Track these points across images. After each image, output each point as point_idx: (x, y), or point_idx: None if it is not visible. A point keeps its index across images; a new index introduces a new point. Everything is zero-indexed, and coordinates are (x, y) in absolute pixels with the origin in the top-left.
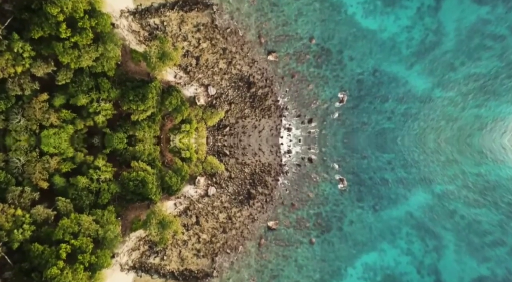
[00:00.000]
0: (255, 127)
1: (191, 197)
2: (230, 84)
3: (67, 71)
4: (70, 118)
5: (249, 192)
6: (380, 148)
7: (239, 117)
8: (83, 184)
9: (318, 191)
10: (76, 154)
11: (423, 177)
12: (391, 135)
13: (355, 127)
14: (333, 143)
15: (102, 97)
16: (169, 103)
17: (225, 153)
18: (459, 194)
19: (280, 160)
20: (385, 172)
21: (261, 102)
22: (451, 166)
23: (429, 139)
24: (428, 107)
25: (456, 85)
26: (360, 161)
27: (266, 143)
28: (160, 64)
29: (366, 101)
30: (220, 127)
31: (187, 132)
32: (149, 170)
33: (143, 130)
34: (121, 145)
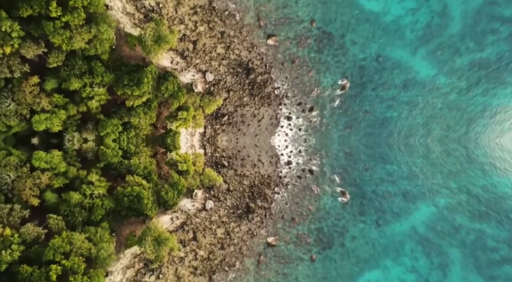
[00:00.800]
0: (254, 116)
1: (188, 211)
2: (229, 70)
3: (59, 53)
4: (62, 103)
5: (248, 205)
6: (382, 151)
7: (238, 106)
8: (76, 199)
9: (319, 204)
10: (68, 168)
11: (427, 190)
12: (391, 131)
13: (357, 116)
14: (334, 136)
15: (95, 82)
16: (165, 88)
17: (223, 164)
18: (465, 208)
19: (280, 171)
20: (388, 184)
21: (261, 90)
22: (456, 177)
23: (435, 136)
24: (432, 95)
25: (461, 72)
26: (362, 173)
27: (265, 154)
28: (155, 48)
29: (368, 88)
30: (219, 116)
31: (184, 119)
32: (144, 184)
33: (138, 116)
34: (115, 158)
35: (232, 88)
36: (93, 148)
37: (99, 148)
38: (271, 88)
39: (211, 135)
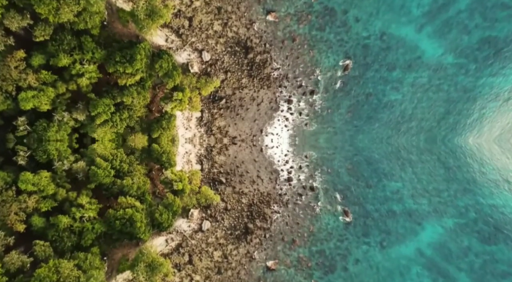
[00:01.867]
0: (253, 100)
1: (183, 232)
2: (226, 49)
3: (46, 26)
4: (50, 80)
5: (246, 226)
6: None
7: (236, 88)
8: (65, 224)
9: (321, 225)
10: (57, 190)
11: (434, 209)
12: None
13: (360, 99)
14: (336, 119)
15: (85, 58)
16: (159, 67)
17: (221, 181)
18: (473, 229)
19: (280, 189)
20: (392, 203)
21: (260, 71)
22: (464, 195)
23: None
24: (439, 76)
25: (469, 51)
26: (365, 190)
27: (265, 169)
28: (148, 22)
29: (372, 69)
30: (216, 99)
31: (179, 101)
32: (137, 206)
33: (131, 96)
34: (107, 179)
35: (230, 69)
36: (84, 168)
37: (90, 168)
38: (271, 69)
39: (208, 121)
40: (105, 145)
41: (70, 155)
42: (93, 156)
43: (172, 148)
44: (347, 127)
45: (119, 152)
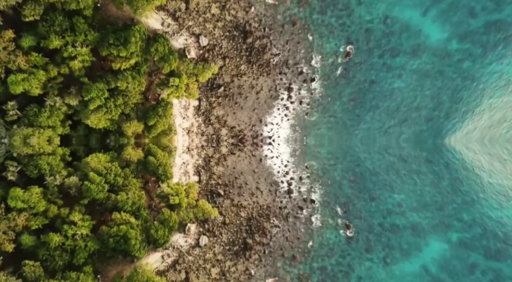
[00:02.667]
0: (252, 88)
1: (180, 247)
2: (224, 33)
3: (36, 5)
4: (41, 63)
5: (245, 241)
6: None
7: (234, 76)
8: (56, 242)
9: (322, 239)
10: (49, 207)
11: (438, 222)
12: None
13: (362, 87)
14: (338, 102)
15: (78, 41)
16: (155, 50)
17: (219, 193)
18: (480, 244)
19: (280, 201)
20: (396, 216)
21: (259, 56)
22: (470, 208)
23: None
24: (443, 63)
25: (476, 35)
26: (367, 203)
27: (264, 181)
28: (143, 3)
29: (374, 55)
30: (214, 87)
31: (176, 87)
32: (132, 222)
33: (126, 80)
34: (101, 194)
35: (228, 54)
36: (77, 183)
37: (83, 183)
38: (270, 55)
39: (206, 109)
40: (99, 158)
41: (63, 169)
42: (87, 170)
43: (169, 160)
44: (348, 116)
45: (113, 165)
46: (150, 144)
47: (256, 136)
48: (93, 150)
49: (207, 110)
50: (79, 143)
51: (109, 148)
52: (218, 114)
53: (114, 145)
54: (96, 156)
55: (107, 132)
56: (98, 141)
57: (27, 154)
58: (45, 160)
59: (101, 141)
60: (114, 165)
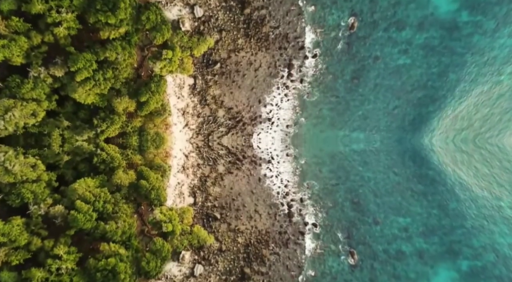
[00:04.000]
0: (251, 64)
1: (174, 277)
2: (221, 4)
3: None
4: (23, 29)
5: (242, 270)
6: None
7: (231, 51)
8: (39, 278)
9: (325, 268)
10: (31, 239)
11: (447, 249)
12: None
13: (365, 63)
14: (340, 88)
15: (63, 6)
16: (146, 19)
17: (215, 217)
18: (492, 273)
19: (280, 226)
20: (401, 242)
21: (257, 29)
22: (480, 233)
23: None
24: (452, 37)
25: (487, 6)
26: (371, 227)
27: (263, 202)
28: None
29: (379, 28)
30: (210, 63)
31: (169, 60)
32: (122, 254)
33: (115, 51)
34: (89, 223)
35: (225, 27)
36: (63, 212)
37: (69, 213)
38: (269, 28)
39: (202, 88)
40: (87, 183)
41: (48, 197)
42: (73, 197)
43: (162, 183)
44: (351, 96)
45: (102, 191)
46: (143, 166)
47: (254, 118)
48: (81, 173)
49: (203, 90)
50: (67, 166)
51: (98, 171)
52: (214, 94)
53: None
54: (84, 181)
55: (97, 109)
56: (87, 115)
57: (9, 182)
58: (28, 187)
59: (90, 164)
60: (103, 191)
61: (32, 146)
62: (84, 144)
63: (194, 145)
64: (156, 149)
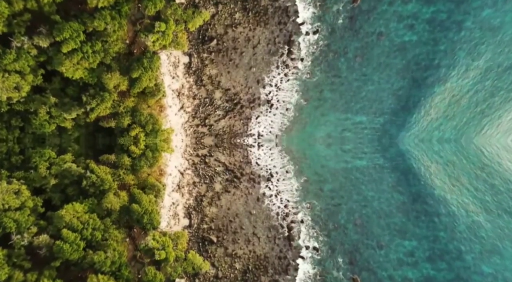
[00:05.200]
0: (249, 41)
1: None
2: None
3: None
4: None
5: None
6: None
7: (228, 26)
8: None
9: None
10: (13, 274)
11: (455, 276)
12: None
13: (369, 40)
14: (342, 67)
15: None
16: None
17: (211, 240)
18: None
19: (279, 250)
20: (408, 268)
21: (256, 2)
22: (491, 258)
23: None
24: (461, 10)
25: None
26: (375, 252)
27: (262, 224)
28: None
29: (384, 1)
30: (206, 40)
31: (162, 33)
32: None
33: (104, 20)
34: (76, 254)
35: (222, 0)
36: (48, 242)
37: (54, 242)
38: (268, 1)
39: (197, 68)
40: (75, 209)
41: (33, 226)
42: (60, 225)
43: (155, 206)
44: (354, 76)
45: (91, 217)
46: (135, 189)
47: (253, 101)
48: (70, 197)
49: (199, 69)
50: (55, 190)
51: (88, 194)
52: (210, 74)
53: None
54: (72, 206)
55: (86, 86)
56: (75, 92)
57: None
58: (11, 216)
59: (79, 187)
60: (92, 217)
61: (18, 168)
62: (73, 166)
63: (190, 161)
64: (150, 167)
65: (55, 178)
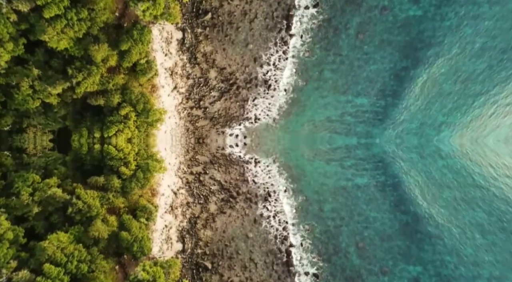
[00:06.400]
0: (245, 15)
1: None
2: None
3: None
4: None
5: None
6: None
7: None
8: None
9: None
10: None
11: None
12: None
13: (372, 15)
14: (343, 44)
15: None
16: None
17: (206, 267)
18: None
19: (278, 278)
20: None
21: None
22: None
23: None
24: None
25: None
26: (379, 279)
27: (259, 249)
28: None
29: None
30: (200, 13)
31: (153, 2)
32: None
33: None
34: None
35: None
36: (29, 278)
37: (35, 279)
38: None
39: (191, 44)
40: (60, 239)
41: (12, 260)
42: (42, 258)
43: (146, 232)
44: (356, 55)
45: (77, 248)
46: (124, 215)
47: (250, 81)
48: (54, 225)
49: (193, 45)
50: (39, 218)
51: (74, 221)
52: (205, 51)
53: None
54: (56, 236)
55: (72, 59)
56: (60, 65)
57: None
58: None
59: (64, 213)
60: (78, 248)
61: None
62: (58, 191)
63: (183, 180)
64: (141, 188)
65: (39, 205)
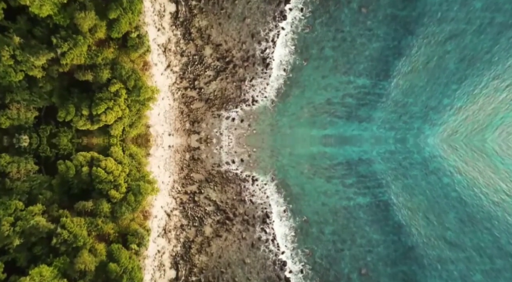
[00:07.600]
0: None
1: None
2: None
3: None
4: None
5: None
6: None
7: None
8: None
9: None
10: None
11: None
12: None
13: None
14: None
15: None
16: None
17: None
18: None
19: None
20: None
21: None
22: None
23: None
24: None
25: None
26: None
27: (257, 276)
28: None
29: None
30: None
31: None
32: None
33: None
34: None
35: None
36: None
37: None
38: None
39: (185, 18)
40: (42, 274)
41: None
42: None
43: (137, 262)
44: (358, 31)
45: None
46: (113, 244)
47: (247, 59)
48: (37, 256)
49: (187, 19)
50: (20, 249)
51: (59, 252)
52: (200, 26)
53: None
54: (38, 270)
55: (57, 29)
56: (44, 34)
57: None
58: None
59: (48, 244)
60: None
61: None
62: (41, 220)
63: (177, 200)
64: (132, 212)
65: (20, 236)
